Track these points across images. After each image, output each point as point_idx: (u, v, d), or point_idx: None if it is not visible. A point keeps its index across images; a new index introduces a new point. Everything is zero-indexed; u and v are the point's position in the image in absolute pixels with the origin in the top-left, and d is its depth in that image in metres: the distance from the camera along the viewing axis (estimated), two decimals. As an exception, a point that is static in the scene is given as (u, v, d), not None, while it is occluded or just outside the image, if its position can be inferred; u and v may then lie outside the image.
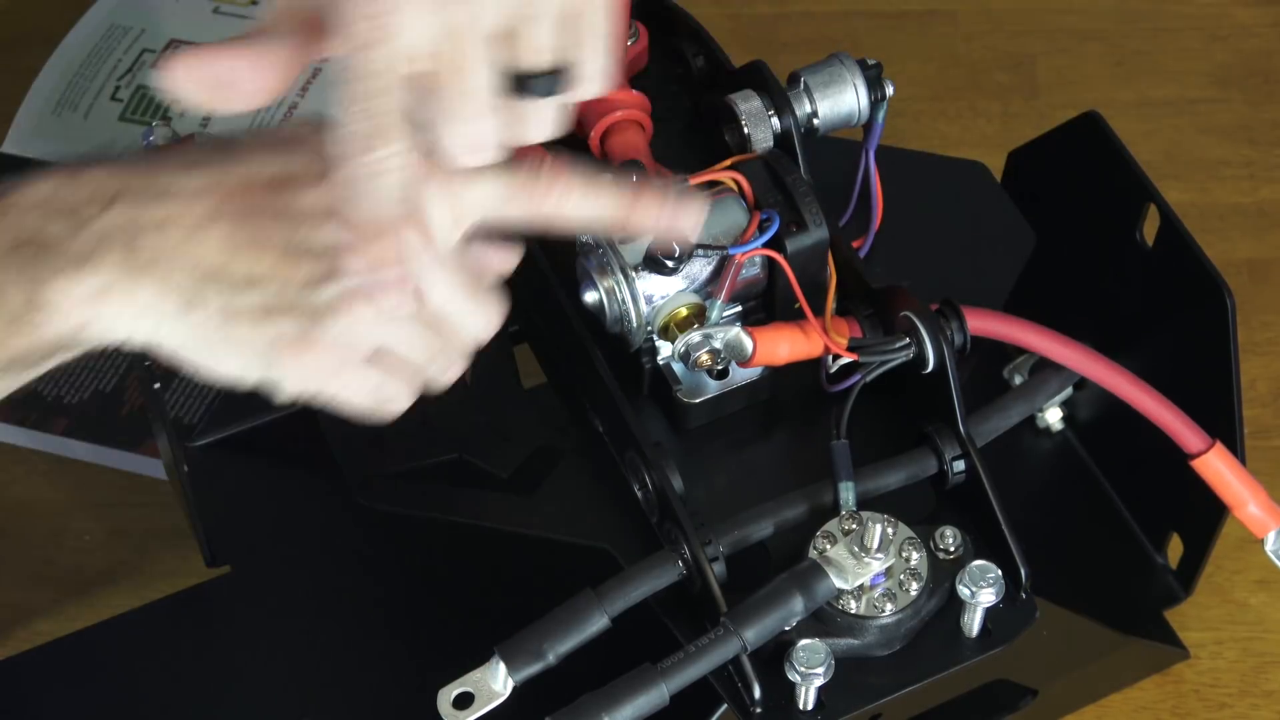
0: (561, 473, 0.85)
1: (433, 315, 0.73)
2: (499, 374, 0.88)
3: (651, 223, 0.74)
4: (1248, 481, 0.87)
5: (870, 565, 0.78)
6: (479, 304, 0.74)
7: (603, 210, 0.73)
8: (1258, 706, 0.97)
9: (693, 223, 0.74)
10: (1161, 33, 1.24)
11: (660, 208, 0.73)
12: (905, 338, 0.82)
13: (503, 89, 0.71)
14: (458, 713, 0.76)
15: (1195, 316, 0.88)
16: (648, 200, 0.73)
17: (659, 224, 0.74)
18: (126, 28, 1.26)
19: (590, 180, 0.73)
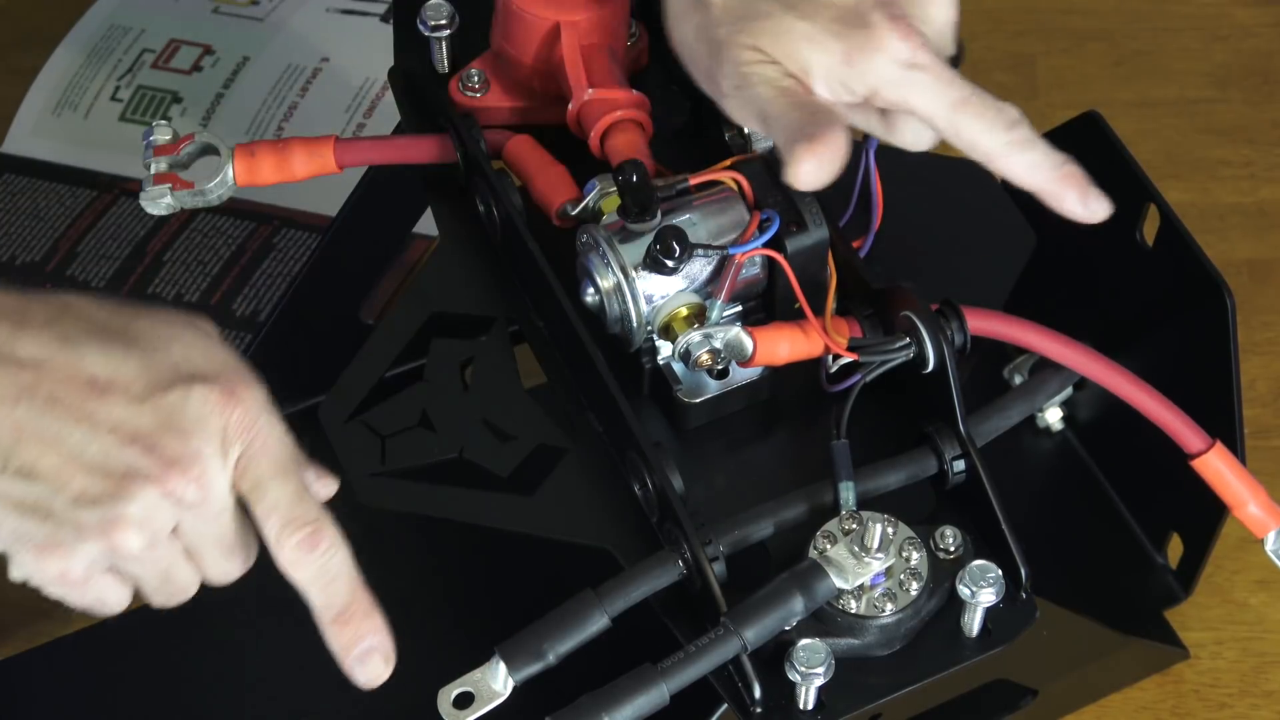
0: (561, 473, 0.85)
1: (188, 551, 0.75)
2: (499, 374, 0.88)
3: (337, 649, 0.77)
4: (1248, 481, 0.87)
5: (870, 565, 0.78)
6: (234, 555, 0.76)
7: (315, 599, 0.76)
8: (1258, 706, 0.97)
9: (368, 679, 0.78)
10: (1161, 33, 1.24)
11: (348, 648, 0.78)
12: (905, 338, 0.82)
13: None
14: (458, 713, 0.76)
15: (1195, 316, 0.88)
16: (346, 632, 0.77)
17: (343, 660, 0.78)
18: (126, 28, 1.26)
19: (331, 569, 0.76)
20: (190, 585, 0.76)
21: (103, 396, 0.72)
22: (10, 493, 0.71)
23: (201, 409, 0.73)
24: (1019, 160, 0.80)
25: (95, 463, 0.71)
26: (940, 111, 0.80)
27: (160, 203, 0.90)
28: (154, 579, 0.75)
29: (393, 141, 0.94)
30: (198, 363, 0.74)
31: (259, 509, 0.75)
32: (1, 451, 0.71)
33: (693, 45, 0.82)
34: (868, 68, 0.79)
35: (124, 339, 0.74)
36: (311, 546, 0.75)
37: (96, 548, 0.72)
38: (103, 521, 0.72)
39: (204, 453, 0.73)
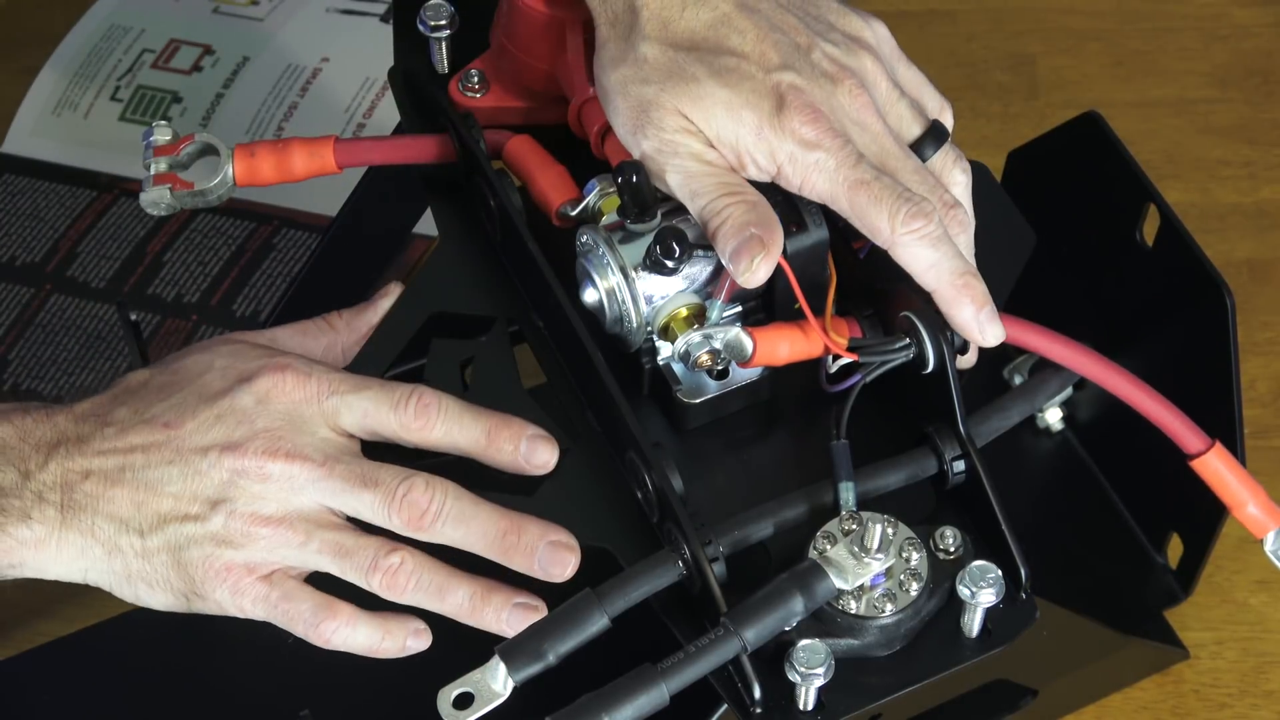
0: (561, 473, 0.85)
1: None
2: (499, 374, 0.88)
3: (508, 460, 0.84)
4: (1247, 482, 0.87)
5: (870, 565, 0.78)
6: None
7: (464, 441, 0.84)
8: (1258, 706, 0.97)
9: (542, 463, 0.84)
10: (1161, 33, 1.24)
11: (514, 450, 0.83)
12: (905, 338, 0.82)
13: None
14: (458, 713, 0.76)
15: (1195, 316, 0.88)
16: (505, 439, 0.83)
17: (514, 463, 0.84)
18: (126, 28, 1.26)
19: (455, 413, 0.83)
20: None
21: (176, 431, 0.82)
22: (155, 545, 0.82)
23: (251, 399, 0.82)
24: (917, 255, 0.81)
25: (205, 491, 0.82)
26: (838, 193, 0.81)
27: (160, 203, 0.90)
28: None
29: (393, 141, 0.94)
30: (239, 366, 0.84)
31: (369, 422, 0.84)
32: (131, 520, 0.82)
33: (618, 95, 0.83)
34: (775, 144, 0.81)
35: (176, 383, 0.84)
36: (417, 420, 0.84)
37: (252, 548, 0.82)
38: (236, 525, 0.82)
39: (273, 426, 0.82)
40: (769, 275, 0.81)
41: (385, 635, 0.83)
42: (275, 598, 0.82)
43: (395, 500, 0.81)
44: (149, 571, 0.82)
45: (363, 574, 0.82)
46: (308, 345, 0.88)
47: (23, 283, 1.14)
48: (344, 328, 0.89)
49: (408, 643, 0.83)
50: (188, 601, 0.83)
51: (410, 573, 0.82)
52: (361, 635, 0.83)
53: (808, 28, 0.83)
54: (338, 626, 0.82)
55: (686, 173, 0.82)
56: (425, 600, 0.82)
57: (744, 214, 0.80)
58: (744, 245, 0.80)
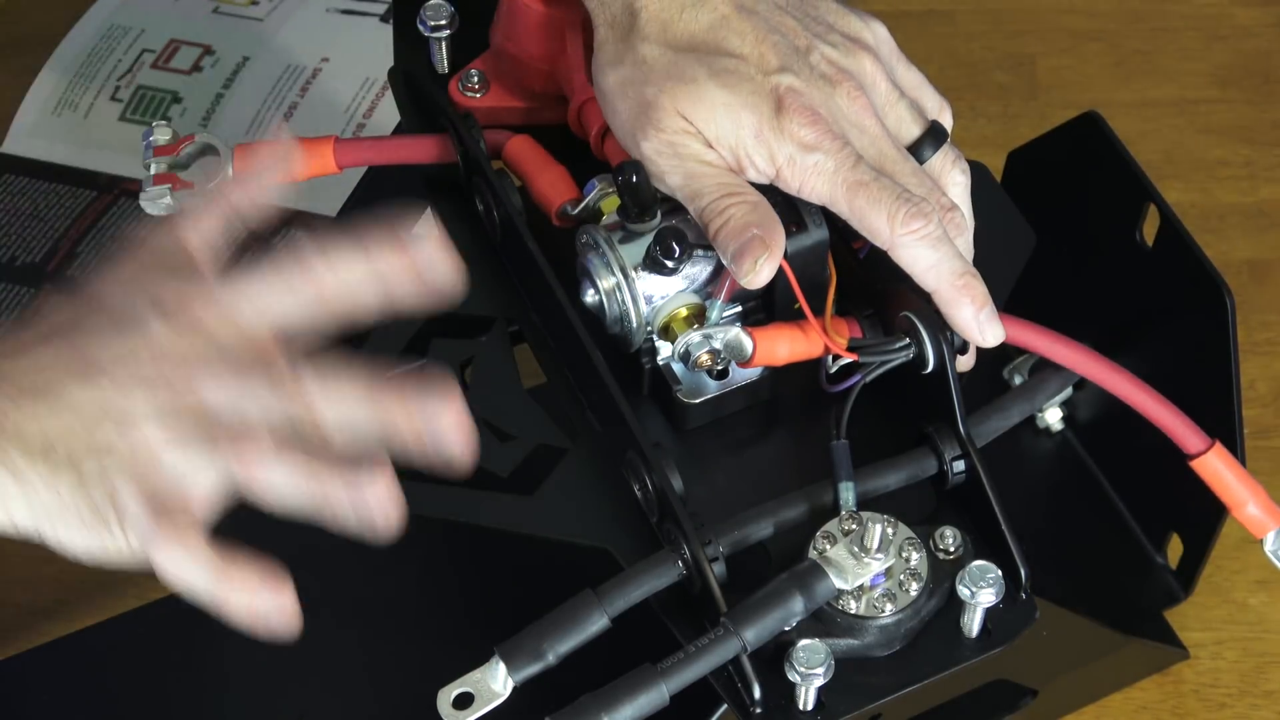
0: (561, 473, 0.85)
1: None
2: (499, 374, 0.88)
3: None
4: (1247, 482, 0.87)
5: (870, 565, 0.78)
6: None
7: (357, 282, 0.76)
8: (1258, 706, 0.97)
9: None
10: (1161, 33, 1.24)
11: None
12: (905, 338, 0.82)
13: None
14: (457, 713, 0.76)
15: (1195, 317, 0.88)
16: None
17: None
18: (126, 28, 1.26)
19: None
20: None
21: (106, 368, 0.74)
22: (65, 477, 0.74)
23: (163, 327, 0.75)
24: (917, 255, 0.81)
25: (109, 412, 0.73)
26: (837, 195, 0.81)
27: (160, 203, 0.90)
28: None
29: (393, 141, 0.94)
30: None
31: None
32: (31, 445, 0.74)
33: (617, 96, 0.83)
34: (775, 147, 0.81)
35: (116, 324, 0.76)
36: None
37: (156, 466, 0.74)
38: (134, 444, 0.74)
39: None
40: (772, 276, 0.81)
41: (221, 575, 0.74)
42: (145, 520, 0.74)
43: (288, 391, 0.74)
44: (61, 505, 0.75)
45: (224, 465, 0.74)
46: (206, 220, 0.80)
47: (23, 283, 1.14)
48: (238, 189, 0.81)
49: (254, 599, 0.74)
50: (102, 541, 0.76)
51: (258, 447, 0.74)
52: (196, 568, 0.74)
53: (806, 29, 0.83)
54: (171, 550, 0.74)
55: (687, 173, 0.82)
56: (281, 478, 0.74)
57: (746, 214, 0.80)
58: (747, 246, 0.80)
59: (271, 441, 0.74)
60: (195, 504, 0.74)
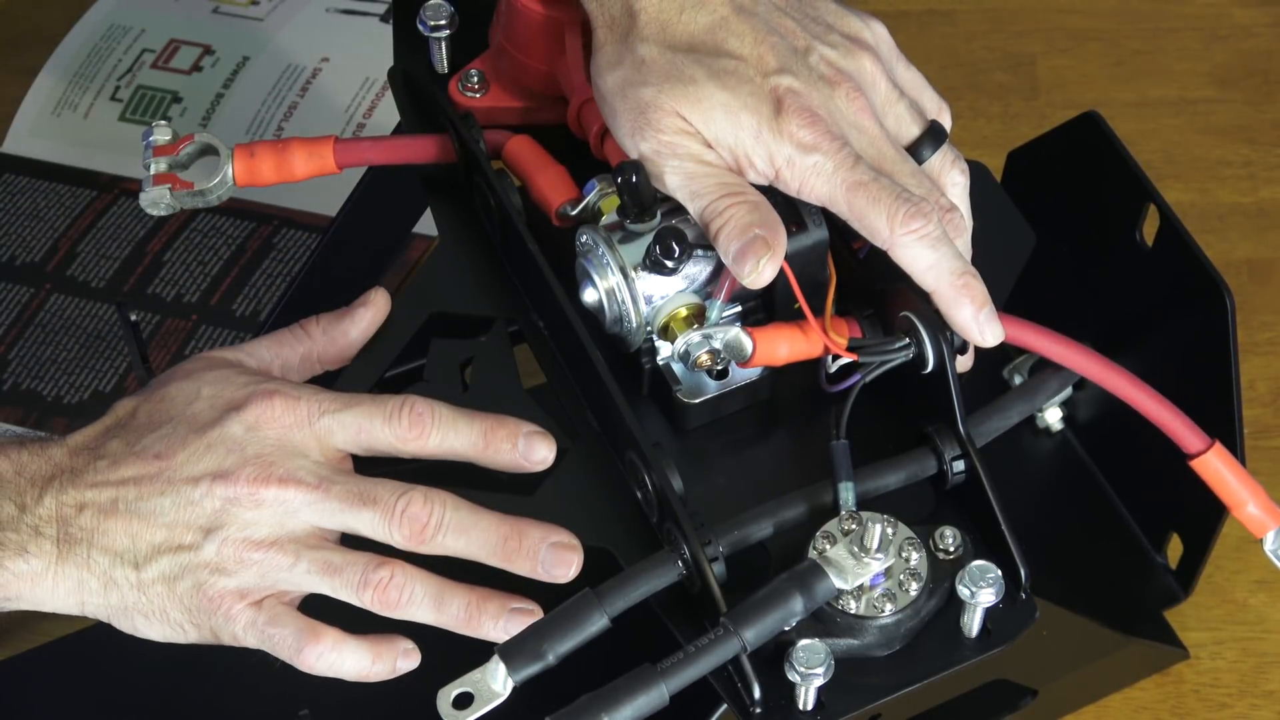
0: (561, 473, 0.85)
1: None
2: (499, 374, 0.88)
3: (507, 460, 0.83)
4: (1247, 482, 0.87)
5: (870, 565, 0.78)
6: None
7: (461, 446, 0.83)
8: (1258, 706, 0.97)
9: (541, 459, 0.84)
10: (1161, 33, 1.24)
11: (512, 450, 0.83)
12: (905, 338, 0.82)
13: None
14: (457, 713, 0.76)
15: (1195, 317, 0.88)
16: (502, 439, 0.83)
17: (513, 462, 0.83)
18: (126, 28, 1.26)
19: (449, 420, 0.83)
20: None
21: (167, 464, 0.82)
22: (150, 576, 0.82)
23: (241, 427, 0.82)
24: (916, 255, 0.81)
25: (196, 516, 0.82)
26: (837, 195, 0.81)
27: (160, 203, 0.90)
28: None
29: (392, 141, 0.94)
30: (227, 394, 0.83)
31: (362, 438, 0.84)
32: (127, 553, 0.81)
33: (616, 97, 0.83)
34: (774, 148, 0.81)
35: (164, 412, 0.83)
36: (413, 429, 0.83)
37: (247, 572, 0.82)
38: (228, 541, 0.81)
39: (264, 453, 0.82)
40: (774, 275, 0.81)
41: (375, 658, 0.82)
42: (262, 623, 0.82)
43: (395, 516, 0.81)
44: (145, 603, 0.82)
45: (354, 591, 0.81)
46: (285, 355, 0.87)
47: (23, 283, 1.14)
48: (320, 336, 0.88)
49: (398, 664, 0.83)
50: (183, 632, 0.83)
51: (402, 586, 0.81)
52: (349, 659, 0.82)
53: (805, 30, 0.83)
54: (322, 651, 0.82)
55: (686, 174, 0.82)
56: (419, 613, 0.82)
57: (747, 215, 0.80)
58: (749, 246, 0.80)
59: (408, 577, 0.82)
60: (295, 599, 0.83)
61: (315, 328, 0.88)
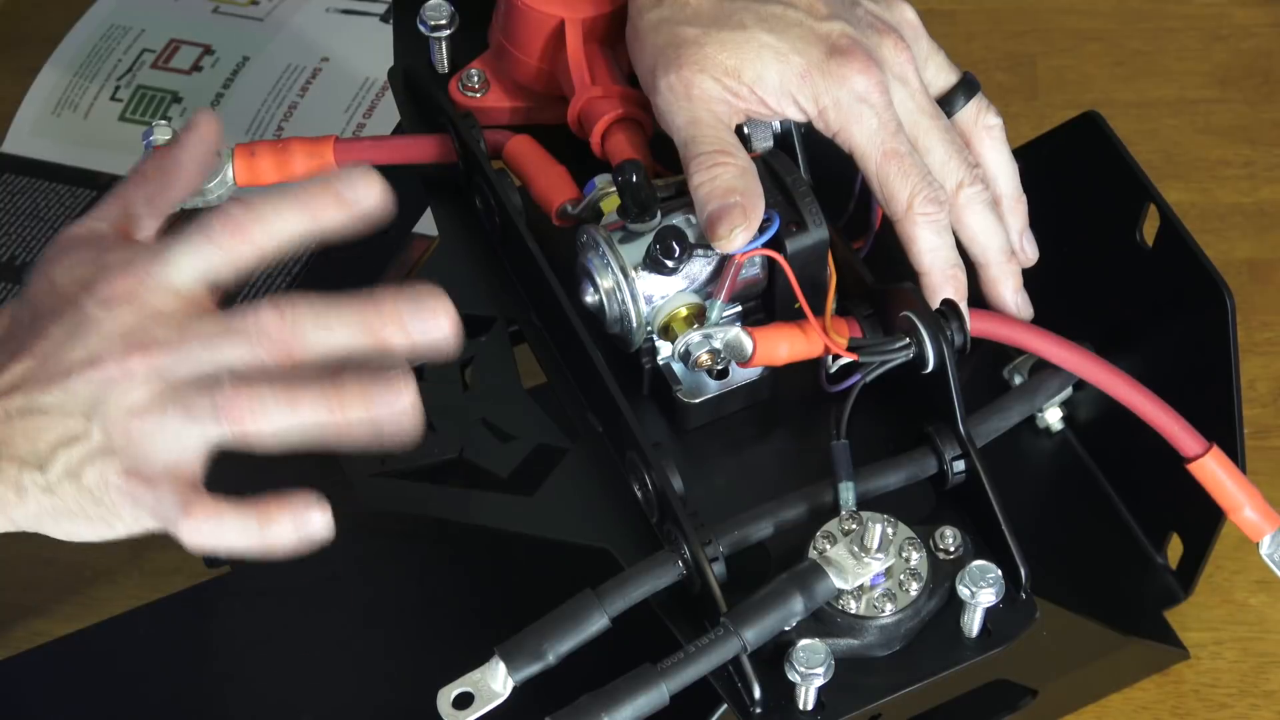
0: (561, 473, 0.85)
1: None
2: (499, 374, 0.88)
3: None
4: (1244, 485, 0.87)
5: (870, 565, 0.78)
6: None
7: (289, 225, 0.77)
8: (1258, 707, 0.97)
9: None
10: (1161, 33, 1.24)
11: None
12: (905, 338, 0.82)
13: None
14: (458, 713, 0.76)
15: (1195, 317, 0.88)
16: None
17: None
18: (126, 28, 1.26)
19: (270, 214, 0.77)
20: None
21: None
22: (56, 477, 0.77)
23: (95, 306, 0.77)
24: (923, 236, 0.85)
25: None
26: (872, 154, 0.84)
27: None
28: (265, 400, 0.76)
29: (393, 141, 0.94)
30: (77, 274, 0.78)
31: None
32: (18, 456, 0.77)
33: (652, 32, 0.86)
34: (821, 88, 0.84)
35: (29, 312, 0.79)
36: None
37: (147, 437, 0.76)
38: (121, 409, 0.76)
39: (125, 325, 0.77)
40: (744, 245, 0.82)
41: (263, 522, 0.76)
42: (150, 499, 0.76)
43: (255, 335, 0.76)
44: (60, 505, 0.78)
45: (212, 423, 0.76)
46: (130, 203, 0.82)
47: (23, 283, 1.14)
48: (156, 173, 0.82)
49: (302, 527, 0.75)
50: (110, 527, 0.78)
51: (251, 398, 0.75)
52: (229, 529, 0.76)
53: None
54: (197, 524, 0.75)
55: (692, 117, 0.84)
56: (281, 420, 0.75)
57: (732, 179, 0.82)
58: (725, 211, 0.81)
59: (251, 386, 0.75)
60: (190, 469, 0.76)
61: (149, 165, 0.83)
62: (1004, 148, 0.90)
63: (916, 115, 0.86)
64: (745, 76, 0.84)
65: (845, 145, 0.85)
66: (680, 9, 0.85)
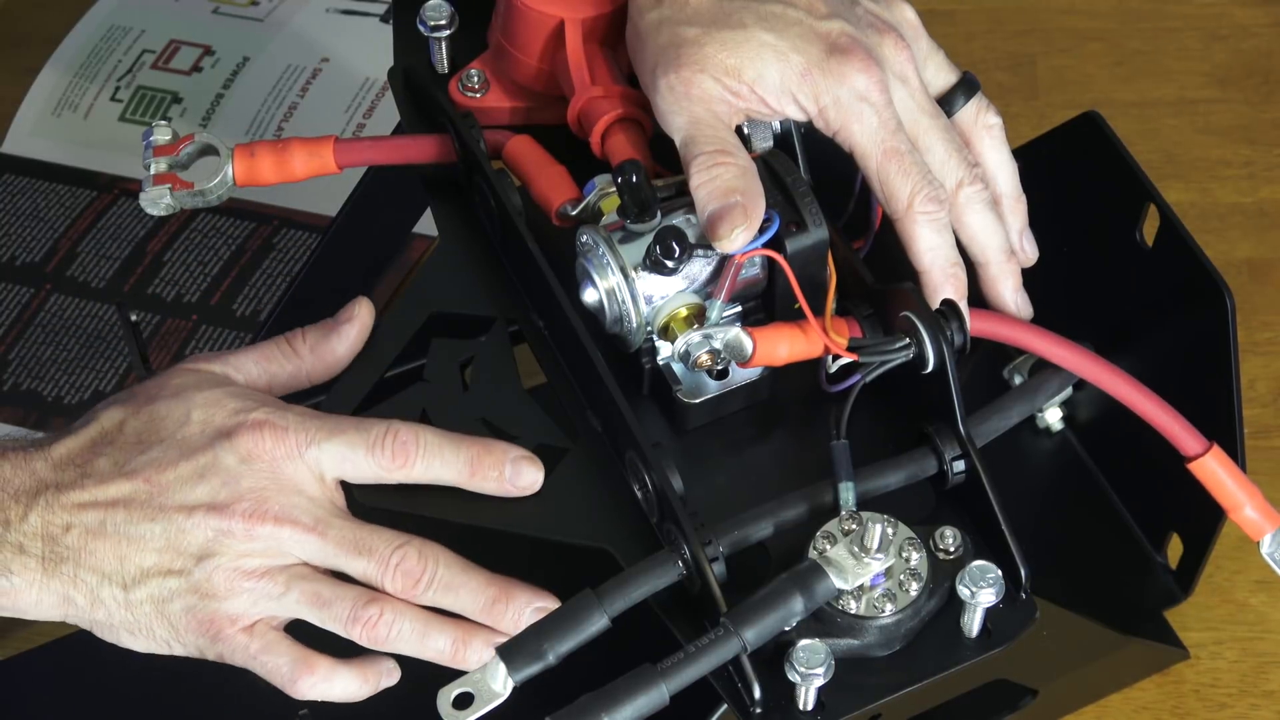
0: (561, 473, 0.85)
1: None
2: (499, 374, 0.88)
3: (493, 487, 0.83)
4: (1244, 484, 0.87)
5: (870, 565, 0.78)
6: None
7: (447, 475, 0.83)
8: (1258, 706, 0.97)
9: (528, 484, 0.83)
10: (1161, 33, 1.24)
11: (500, 476, 0.83)
12: (905, 338, 0.82)
13: None
14: (458, 713, 0.76)
15: (1195, 317, 0.88)
16: (488, 466, 0.83)
17: (500, 488, 0.83)
18: (126, 28, 1.26)
19: (434, 448, 0.82)
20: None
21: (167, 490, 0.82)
22: (139, 597, 0.82)
23: (233, 457, 0.82)
24: (923, 234, 0.85)
25: (185, 541, 0.81)
26: (872, 152, 0.84)
27: (160, 203, 0.90)
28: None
29: (392, 141, 0.94)
30: (218, 420, 0.83)
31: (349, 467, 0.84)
32: (115, 573, 0.81)
33: (653, 32, 0.86)
34: (821, 86, 0.84)
35: (153, 431, 0.83)
36: (399, 457, 0.83)
37: (234, 599, 0.82)
38: (221, 570, 0.81)
39: (258, 486, 0.81)
40: (744, 245, 0.81)
41: (363, 682, 0.84)
42: (255, 649, 0.82)
43: (389, 569, 0.82)
44: (131, 621, 0.82)
45: (342, 625, 0.82)
46: (272, 372, 0.87)
47: (23, 283, 1.14)
48: (308, 354, 0.87)
49: (381, 682, 0.84)
50: (169, 648, 0.83)
51: (390, 623, 0.82)
52: (338, 687, 0.83)
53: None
54: (315, 681, 0.83)
55: (693, 117, 0.84)
56: (406, 648, 0.82)
57: (733, 179, 0.82)
58: (726, 211, 0.81)
59: (394, 613, 0.82)
60: (279, 622, 0.83)
61: (303, 345, 0.87)
62: (1004, 147, 0.90)
63: (916, 114, 0.86)
64: (745, 76, 0.84)
65: (845, 144, 0.85)
66: (680, 9, 0.85)
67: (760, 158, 0.85)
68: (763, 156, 0.86)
